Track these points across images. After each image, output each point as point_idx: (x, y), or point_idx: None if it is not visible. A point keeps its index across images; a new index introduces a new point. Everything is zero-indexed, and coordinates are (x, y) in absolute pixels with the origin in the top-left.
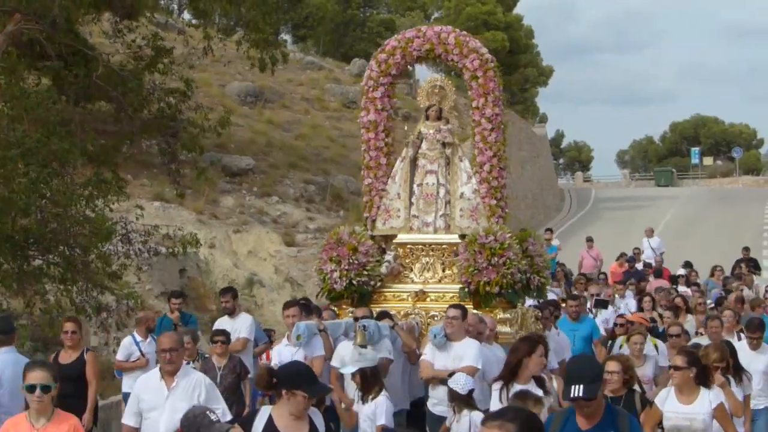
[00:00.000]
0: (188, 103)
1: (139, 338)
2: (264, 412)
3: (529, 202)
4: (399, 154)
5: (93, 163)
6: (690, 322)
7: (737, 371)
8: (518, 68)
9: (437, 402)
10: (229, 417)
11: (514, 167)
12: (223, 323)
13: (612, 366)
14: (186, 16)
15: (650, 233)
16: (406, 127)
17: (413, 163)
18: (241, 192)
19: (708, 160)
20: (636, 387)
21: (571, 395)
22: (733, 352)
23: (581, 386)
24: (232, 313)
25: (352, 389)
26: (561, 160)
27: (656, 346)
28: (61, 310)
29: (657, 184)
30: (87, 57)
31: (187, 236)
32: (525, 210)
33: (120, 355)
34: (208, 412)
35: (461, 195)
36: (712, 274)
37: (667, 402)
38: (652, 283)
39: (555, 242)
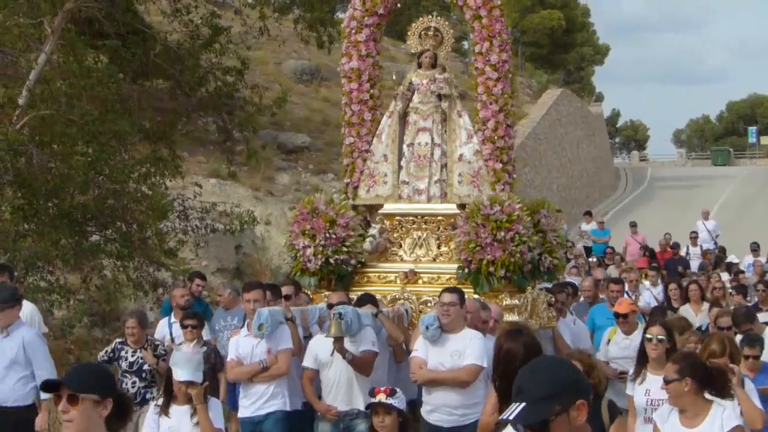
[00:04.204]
0: (244, 82)
1: (173, 319)
2: None
3: (585, 181)
4: (386, 109)
5: (149, 140)
6: (705, 311)
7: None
8: (574, 47)
9: (433, 408)
10: None
11: (570, 146)
12: None
13: None
14: None
15: (706, 216)
16: (394, 76)
17: (403, 119)
18: (297, 169)
19: (765, 139)
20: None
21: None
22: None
23: (521, 406)
24: None
25: (334, 394)
26: (617, 139)
27: None
28: (118, 285)
29: (714, 163)
30: (145, 35)
31: (243, 214)
32: (581, 189)
33: (157, 336)
34: None
35: (460, 157)
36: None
37: (668, 423)
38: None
39: (591, 225)
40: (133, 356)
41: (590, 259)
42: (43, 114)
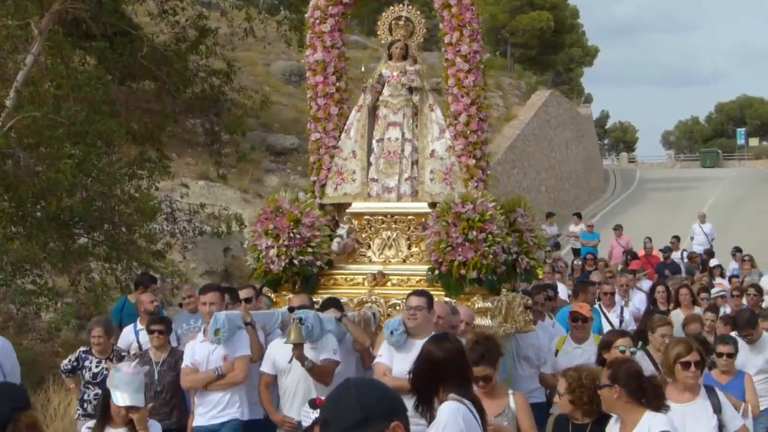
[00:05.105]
0: (231, 84)
1: (140, 326)
2: None
3: (574, 183)
4: (355, 103)
5: (137, 142)
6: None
7: None
8: (563, 48)
9: None
10: None
11: (559, 147)
12: None
13: (559, 385)
14: None
15: (702, 219)
16: (363, 68)
17: (372, 113)
18: (286, 171)
19: (754, 141)
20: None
21: None
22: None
23: None
24: None
25: (290, 404)
26: (606, 141)
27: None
28: (106, 288)
29: (702, 165)
30: (132, 37)
31: (231, 215)
32: (569, 190)
33: (120, 344)
34: None
35: (432, 153)
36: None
37: None
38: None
39: (581, 228)
40: (97, 367)
41: (574, 262)
42: (31, 116)
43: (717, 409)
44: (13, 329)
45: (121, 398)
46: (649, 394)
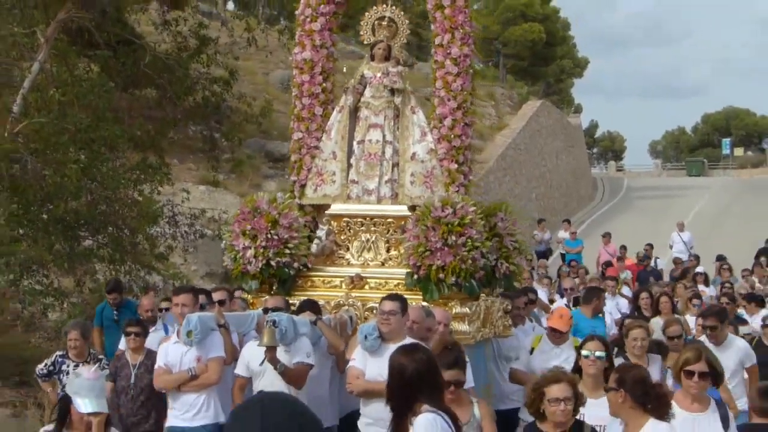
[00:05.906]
0: (231, 92)
1: None
2: None
3: (563, 191)
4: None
5: (139, 148)
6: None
7: None
8: (554, 59)
9: (371, 421)
10: None
11: (549, 156)
12: None
13: (560, 390)
14: (230, 6)
15: (681, 227)
16: (345, 69)
17: (353, 114)
18: (284, 177)
19: (739, 151)
20: (583, 418)
21: None
22: None
23: None
24: None
25: None
26: (595, 150)
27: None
28: None
29: (688, 174)
30: (134, 45)
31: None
32: (559, 198)
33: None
34: None
35: (413, 156)
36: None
37: None
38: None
39: (566, 234)
40: (74, 370)
41: (561, 269)
42: (38, 122)
43: (725, 423)
44: (21, 328)
45: (83, 405)
46: (654, 402)
